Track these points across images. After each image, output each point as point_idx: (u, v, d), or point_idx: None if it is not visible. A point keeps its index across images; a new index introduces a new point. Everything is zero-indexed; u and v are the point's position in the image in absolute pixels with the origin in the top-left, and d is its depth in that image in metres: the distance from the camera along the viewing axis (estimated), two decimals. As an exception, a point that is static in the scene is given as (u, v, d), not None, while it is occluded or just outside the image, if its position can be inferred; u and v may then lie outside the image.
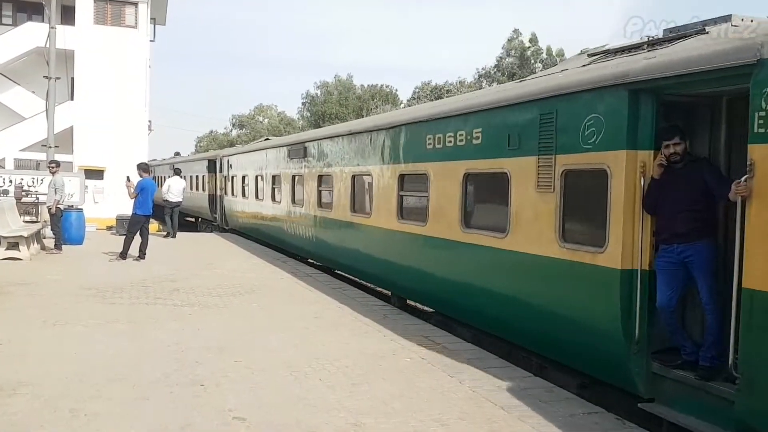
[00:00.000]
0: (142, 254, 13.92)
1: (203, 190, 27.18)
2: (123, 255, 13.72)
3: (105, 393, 5.34)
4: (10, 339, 6.98)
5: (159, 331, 7.53)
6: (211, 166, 25.51)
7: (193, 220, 30.80)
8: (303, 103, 67.60)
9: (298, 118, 69.84)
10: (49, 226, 15.22)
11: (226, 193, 22.85)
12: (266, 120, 74.04)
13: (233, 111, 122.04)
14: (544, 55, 49.01)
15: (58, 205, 14.65)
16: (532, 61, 49.56)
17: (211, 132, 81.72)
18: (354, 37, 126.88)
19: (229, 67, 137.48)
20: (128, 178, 14.55)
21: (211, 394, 5.43)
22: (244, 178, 19.97)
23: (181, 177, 21.29)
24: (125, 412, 4.96)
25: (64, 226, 15.26)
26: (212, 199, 25.49)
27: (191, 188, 28.23)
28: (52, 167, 15.10)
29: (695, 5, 79.17)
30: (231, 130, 76.97)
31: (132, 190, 13.99)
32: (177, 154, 42.67)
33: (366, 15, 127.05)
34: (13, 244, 13.01)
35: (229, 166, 22.23)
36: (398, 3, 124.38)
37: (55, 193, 14.52)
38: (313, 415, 5.04)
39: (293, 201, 14.86)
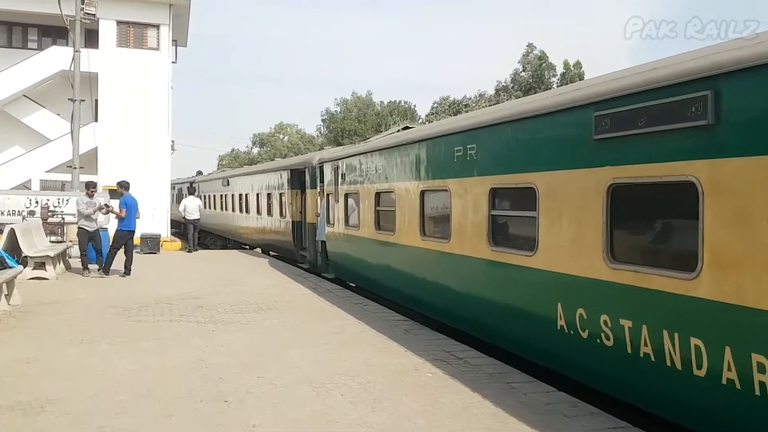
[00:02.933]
0: (127, 270, 14.25)
1: (280, 214, 19.56)
2: (106, 270, 14.09)
3: (131, 410, 5.41)
4: (37, 357, 7.10)
5: (183, 348, 7.60)
6: (296, 178, 18.00)
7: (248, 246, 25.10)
8: (322, 120, 68.16)
9: (318, 135, 70.38)
10: (78, 246, 15.23)
11: (331, 220, 14.00)
12: (286, 138, 74.71)
13: (254, 129, 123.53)
14: (561, 69, 48.92)
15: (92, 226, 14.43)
16: (547, 76, 49.56)
17: (233, 150, 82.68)
18: (371, 54, 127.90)
19: (249, 86, 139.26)
20: (106, 205, 14.69)
21: (234, 410, 5.47)
22: (378, 196, 11.25)
23: (195, 196, 24.23)
24: (151, 428, 5.01)
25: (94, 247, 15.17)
26: (298, 228, 17.95)
27: (256, 212, 22.89)
28: (90, 191, 14.70)
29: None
30: (252, 149, 77.77)
31: (117, 210, 14.25)
32: (199, 173, 43.13)
33: (382, 33, 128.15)
34: (40, 264, 13.25)
35: (340, 177, 13.29)
36: (414, 20, 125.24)
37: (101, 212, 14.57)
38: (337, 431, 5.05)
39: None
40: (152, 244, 19.85)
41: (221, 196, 29.88)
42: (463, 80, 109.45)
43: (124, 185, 14.63)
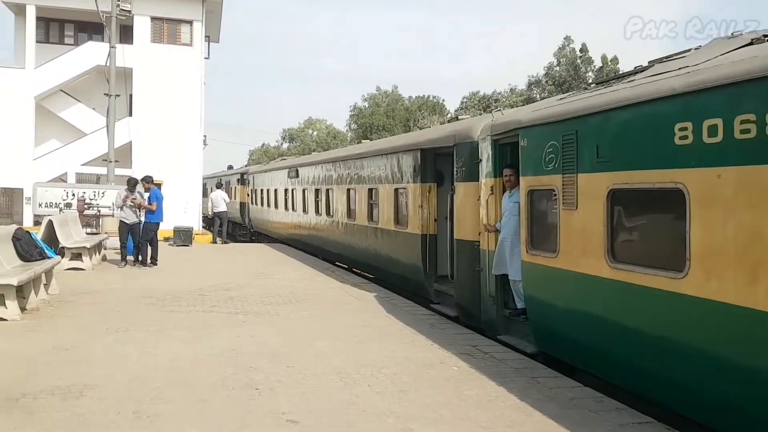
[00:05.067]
0: (154, 261, 14.65)
1: (395, 222, 12.28)
2: (143, 262, 14.47)
3: (166, 395, 5.60)
4: (75, 344, 7.36)
5: (215, 338, 7.80)
6: (429, 164, 11.17)
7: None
8: (351, 116, 68.38)
9: (347, 131, 70.66)
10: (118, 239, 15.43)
11: (540, 242, 7.20)
12: (315, 133, 75.15)
13: (283, 124, 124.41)
14: (598, 63, 48.22)
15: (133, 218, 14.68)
16: (583, 70, 48.89)
17: (263, 145, 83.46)
18: (398, 49, 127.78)
19: (279, 81, 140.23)
20: (134, 198, 14.63)
21: (265, 398, 5.62)
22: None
23: (222, 190, 24.70)
24: (185, 413, 5.19)
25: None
26: (431, 246, 11.01)
27: (346, 215, 15.30)
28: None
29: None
30: (282, 143, 78.40)
31: (144, 203, 14.51)
32: (230, 167, 43.74)
33: (408, 26, 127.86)
34: (77, 255, 13.63)
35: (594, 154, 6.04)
36: (442, 15, 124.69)
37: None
38: (363, 420, 5.16)
39: None
40: (185, 236, 20.22)
41: (286, 191, 22.08)
42: (488, 75, 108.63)
43: (148, 179, 15.00)
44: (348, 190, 15.22)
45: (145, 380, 6.02)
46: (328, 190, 17.06)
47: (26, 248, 10.01)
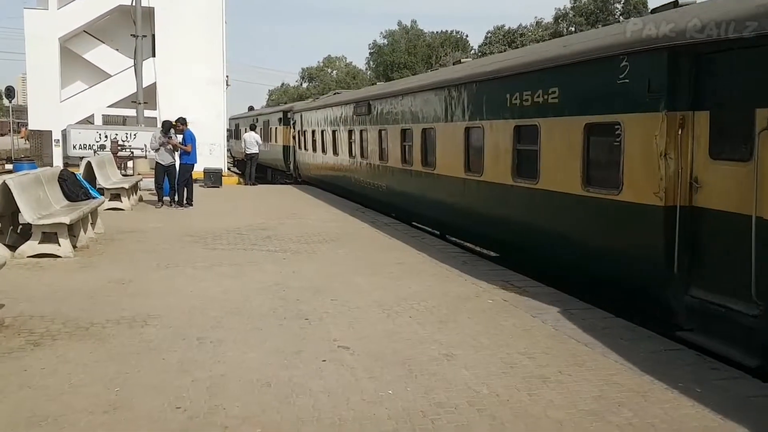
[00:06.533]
0: (189, 201, 15.07)
1: (585, 182, 7.30)
2: (180, 202, 14.91)
3: (224, 324, 6.04)
4: (130, 279, 7.83)
5: (260, 273, 8.23)
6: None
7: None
8: (370, 53, 67.44)
9: (366, 69, 69.84)
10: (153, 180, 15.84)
11: None
12: (334, 72, 74.40)
13: (303, 63, 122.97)
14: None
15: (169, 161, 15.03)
16: (612, 1, 47.50)
17: (283, 85, 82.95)
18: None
19: (297, 19, 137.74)
20: (169, 139, 14.86)
21: (315, 327, 6.03)
22: None
23: (255, 131, 23.82)
24: (245, 339, 5.62)
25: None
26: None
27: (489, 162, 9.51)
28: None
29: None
30: (301, 83, 77.84)
31: (178, 143, 14.80)
32: (251, 108, 43.78)
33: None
34: (115, 195, 14.09)
35: None
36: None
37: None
38: (408, 347, 5.55)
39: None
40: (215, 178, 20.62)
41: (351, 132, 17.08)
42: (508, 7, 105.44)
43: (182, 121, 15.25)
44: (479, 129, 9.75)
45: (202, 310, 6.46)
46: (428, 130, 11.73)
47: (72, 188, 10.44)
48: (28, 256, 8.77)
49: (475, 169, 10.00)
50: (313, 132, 21.60)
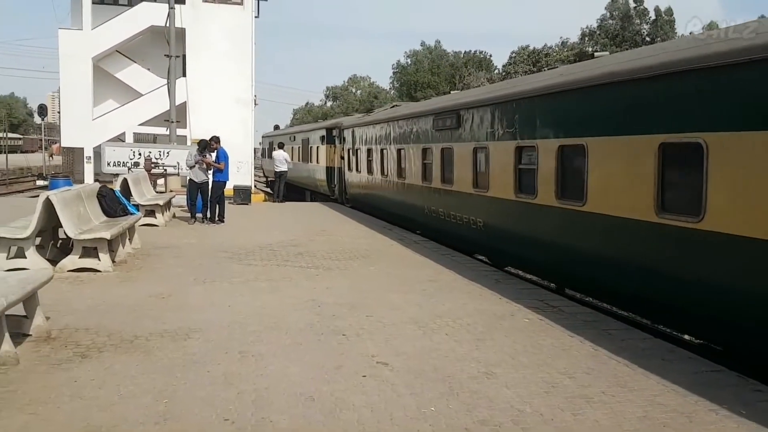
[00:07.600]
0: (221, 218, 15.31)
1: None
2: (212, 219, 15.13)
3: (264, 338, 6.13)
4: (170, 293, 7.97)
5: (294, 289, 8.33)
6: None
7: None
8: (394, 73, 67.96)
9: (390, 88, 70.35)
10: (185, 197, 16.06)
11: None
12: (358, 91, 75.03)
13: (327, 83, 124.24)
14: (652, 16, 46.77)
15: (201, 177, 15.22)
16: (638, 22, 47.44)
17: (307, 104, 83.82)
18: (441, 5, 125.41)
19: (323, 40, 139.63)
20: (204, 158, 15.09)
21: (353, 343, 6.09)
22: None
23: (283, 150, 23.76)
24: (285, 353, 5.70)
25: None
26: None
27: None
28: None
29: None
30: (326, 102, 78.60)
31: (212, 162, 15.07)
32: (276, 127, 44.31)
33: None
34: (150, 212, 14.35)
35: None
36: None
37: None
38: (447, 364, 5.58)
39: None
40: (244, 195, 20.88)
41: (426, 152, 13.71)
42: (538, 29, 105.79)
43: (216, 139, 15.55)
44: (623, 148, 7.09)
45: (241, 325, 6.56)
46: (569, 148, 8.28)
47: (110, 204, 10.67)
48: (68, 270, 8.97)
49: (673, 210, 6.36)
50: (369, 151, 18.50)
